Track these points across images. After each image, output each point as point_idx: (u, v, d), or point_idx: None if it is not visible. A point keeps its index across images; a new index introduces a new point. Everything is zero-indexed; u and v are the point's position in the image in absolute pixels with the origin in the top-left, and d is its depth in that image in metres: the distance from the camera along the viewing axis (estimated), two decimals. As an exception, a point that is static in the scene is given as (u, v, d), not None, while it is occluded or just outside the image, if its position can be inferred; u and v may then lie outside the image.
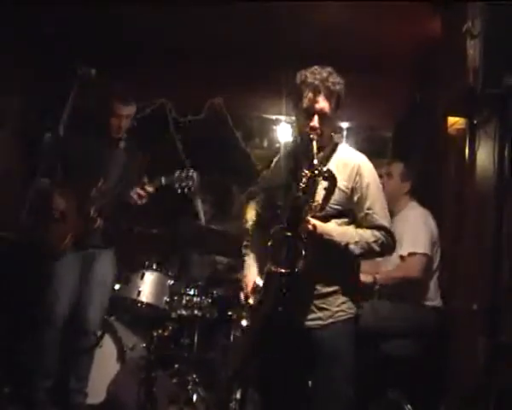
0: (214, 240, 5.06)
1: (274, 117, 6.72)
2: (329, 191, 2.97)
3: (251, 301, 3.28)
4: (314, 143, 3.05)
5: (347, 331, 3.19)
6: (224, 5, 5.14)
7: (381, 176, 3.45)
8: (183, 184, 4.52)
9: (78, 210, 4.52)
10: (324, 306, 3.16)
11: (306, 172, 2.97)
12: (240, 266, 4.87)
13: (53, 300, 4.48)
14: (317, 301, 3.17)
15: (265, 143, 6.87)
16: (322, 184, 3.00)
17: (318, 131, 3.11)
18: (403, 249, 4.41)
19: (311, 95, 3.12)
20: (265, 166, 5.89)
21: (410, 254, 4.42)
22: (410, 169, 4.80)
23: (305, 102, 3.14)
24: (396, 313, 4.35)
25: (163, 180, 4.54)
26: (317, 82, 3.11)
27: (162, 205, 5.00)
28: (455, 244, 4.53)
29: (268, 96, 6.48)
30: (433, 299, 4.49)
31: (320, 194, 3.01)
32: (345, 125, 6.20)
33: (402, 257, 4.45)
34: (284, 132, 6.69)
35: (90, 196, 4.52)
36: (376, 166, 3.35)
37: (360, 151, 3.41)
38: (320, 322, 3.16)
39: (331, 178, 2.95)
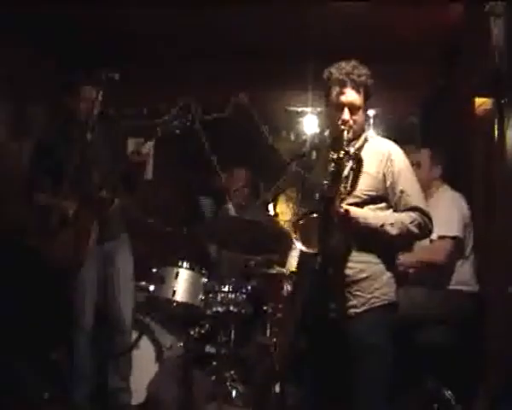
0: (245, 233, 5.05)
1: (299, 109, 6.70)
2: (357, 172, 3.05)
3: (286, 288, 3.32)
4: (345, 133, 3.12)
5: (382, 319, 3.18)
6: (248, 1, 5.15)
7: (412, 164, 3.44)
8: (183, 120, 4.50)
9: (88, 202, 4.42)
10: (358, 293, 3.16)
11: (333, 156, 3.04)
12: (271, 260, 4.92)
13: (80, 306, 4.49)
14: (350, 288, 3.17)
15: (292, 136, 6.86)
16: (349, 167, 3.07)
17: (350, 122, 3.17)
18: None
19: (338, 89, 3.18)
20: (293, 159, 5.91)
21: (440, 238, 4.37)
22: (439, 153, 4.76)
23: (334, 97, 3.20)
24: (432, 299, 4.32)
25: (158, 130, 4.47)
26: (342, 76, 3.17)
27: (190, 204, 5.04)
28: (487, 228, 4.48)
29: (293, 88, 6.48)
30: (469, 283, 4.46)
31: (349, 178, 3.09)
32: (371, 112, 6.19)
33: (431, 240, 4.42)
34: (310, 124, 6.67)
35: (94, 184, 4.44)
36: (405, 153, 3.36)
37: (387, 138, 3.43)
38: (355, 310, 3.16)
39: (357, 158, 3.04)
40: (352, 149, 3.07)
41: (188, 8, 5.27)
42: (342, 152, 3.03)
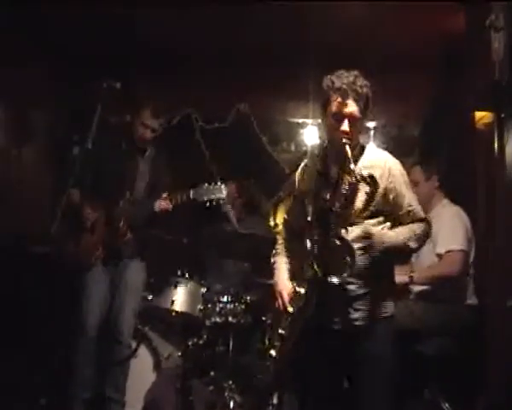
0: (243, 245, 5.06)
1: (300, 120, 6.71)
2: (371, 196, 2.99)
3: (290, 309, 3.29)
4: (347, 147, 3.05)
5: (384, 332, 3.19)
6: (247, 9, 5.16)
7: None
8: (212, 196, 4.47)
9: (107, 222, 4.54)
10: (360, 307, 3.16)
11: (348, 177, 2.99)
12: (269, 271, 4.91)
13: (85, 311, 4.51)
14: (353, 303, 3.16)
15: (292, 147, 6.85)
16: (363, 189, 3.01)
17: (349, 134, 3.12)
18: (439, 247, 4.39)
19: (340, 99, 3.12)
20: (293, 170, 5.91)
21: (448, 252, 4.40)
22: (431, 166, 4.77)
23: (335, 107, 3.14)
24: (431, 312, 4.32)
25: (191, 194, 4.49)
26: (344, 86, 3.10)
27: (191, 213, 5.03)
28: (487, 240, 4.49)
29: (293, 99, 6.50)
30: (469, 296, 4.46)
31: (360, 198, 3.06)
32: (371, 124, 6.19)
33: (439, 255, 4.42)
34: (311, 136, 6.68)
35: (118, 208, 4.54)
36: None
37: (387, 150, 3.41)
38: (356, 323, 3.16)
39: (373, 183, 2.96)
40: (365, 172, 2.96)
41: (189, 16, 5.29)
42: (358, 176, 2.94)
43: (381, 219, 3.20)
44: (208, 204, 4.51)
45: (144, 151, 4.70)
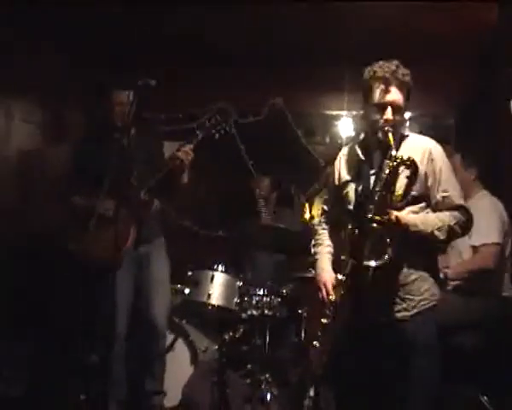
0: (278, 238, 5.05)
1: (334, 113, 6.69)
2: (411, 180, 2.98)
3: (332, 297, 3.29)
4: (390, 134, 3.04)
5: (432, 320, 3.19)
6: (281, 5, 5.15)
7: None
8: (219, 127, 4.47)
9: (128, 204, 4.38)
10: (408, 296, 3.16)
11: (388, 162, 2.97)
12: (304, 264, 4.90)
13: (114, 310, 4.45)
14: (400, 292, 3.16)
15: (327, 140, 6.84)
16: (404, 174, 3.00)
17: (392, 122, 3.12)
18: (474, 240, 4.34)
19: (382, 87, 3.12)
20: (328, 162, 5.89)
21: (483, 245, 4.36)
22: (472, 156, 4.72)
23: (377, 96, 3.14)
24: (467, 305, 4.28)
25: (198, 134, 4.46)
26: (387, 74, 3.11)
27: (225, 207, 5.05)
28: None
29: (327, 92, 6.47)
30: (506, 289, 4.41)
31: (399, 183, 3.03)
32: (407, 114, 6.12)
33: (475, 248, 4.38)
34: (345, 127, 6.66)
35: (132, 186, 4.43)
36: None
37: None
38: (405, 313, 3.15)
39: (413, 165, 2.95)
40: (405, 156, 2.96)
41: (225, 11, 5.29)
42: (398, 159, 2.95)
43: (422, 204, 3.19)
44: (218, 135, 4.48)
45: (129, 129, 4.53)
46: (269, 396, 4.60)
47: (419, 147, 3.22)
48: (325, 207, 3.64)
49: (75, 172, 4.52)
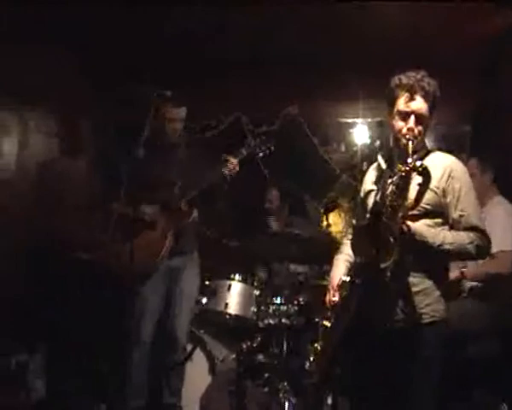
0: (294, 246, 5.06)
1: (350, 120, 6.69)
2: (423, 188, 2.93)
3: (335, 298, 3.32)
4: (410, 143, 3.02)
5: (431, 336, 3.13)
6: (294, 11, 5.16)
7: None
8: (263, 147, 4.62)
9: (167, 213, 4.51)
10: (408, 308, 3.12)
11: (400, 167, 2.95)
12: (322, 272, 4.90)
13: (141, 318, 4.52)
14: (402, 302, 3.13)
15: (343, 148, 6.84)
16: (416, 181, 2.96)
17: (415, 131, 3.10)
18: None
19: (407, 95, 3.12)
20: (343, 170, 5.90)
21: (501, 252, 4.33)
22: (487, 160, 4.71)
23: (402, 103, 3.13)
24: (482, 312, 4.26)
25: (243, 151, 4.57)
26: (412, 82, 3.11)
27: (243, 217, 5.06)
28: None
29: (342, 99, 6.47)
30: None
31: (413, 191, 2.98)
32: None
33: (491, 255, 4.36)
34: (361, 135, 6.66)
35: (174, 194, 4.52)
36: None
37: (439, 148, 3.35)
38: (402, 324, 3.12)
39: (425, 173, 2.90)
40: (418, 163, 2.90)
41: (239, 19, 5.32)
42: (411, 165, 2.90)
43: (439, 220, 3.16)
44: (262, 155, 4.69)
45: (178, 144, 4.69)
46: (287, 405, 4.59)
47: (441, 163, 3.19)
48: (353, 220, 3.64)
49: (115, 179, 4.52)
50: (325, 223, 5.99)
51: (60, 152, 5.87)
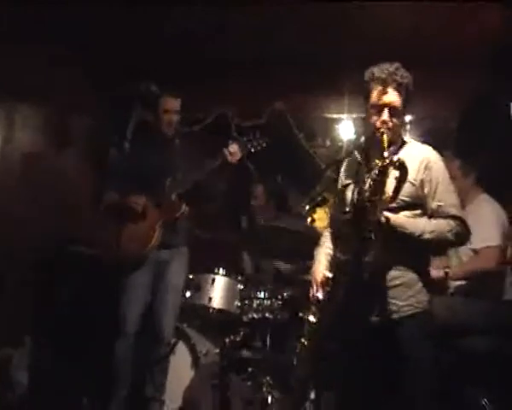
0: (279, 241, 5.05)
1: (335, 116, 6.68)
2: (400, 182, 2.94)
3: (320, 295, 3.32)
4: (385, 136, 3.04)
5: (415, 326, 3.15)
6: (281, 8, 5.14)
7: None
8: (255, 143, 4.68)
9: (158, 203, 4.54)
10: (391, 300, 3.14)
11: (377, 161, 2.96)
12: (306, 267, 4.90)
13: (126, 309, 4.54)
14: (383, 295, 3.14)
15: (328, 143, 6.84)
16: (393, 175, 2.97)
17: (389, 124, 3.12)
18: (475, 244, 4.34)
19: (380, 88, 3.14)
20: (328, 165, 5.88)
21: (485, 248, 4.38)
22: (472, 161, 4.73)
23: (375, 97, 3.16)
24: (470, 308, 4.28)
25: (235, 145, 4.62)
26: (384, 76, 3.13)
27: (226, 211, 5.04)
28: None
29: (328, 95, 6.46)
30: (506, 292, 4.41)
31: (390, 185, 2.98)
32: (407, 118, 6.12)
33: (475, 251, 4.39)
34: (346, 130, 6.65)
35: (166, 187, 4.55)
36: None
37: (425, 143, 3.38)
38: (386, 318, 3.14)
39: (402, 167, 2.92)
40: (395, 158, 2.94)
41: (227, 16, 5.30)
42: (387, 160, 2.92)
43: (417, 211, 3.18)
44: (254, 150, 4.73)
45: (173, 137, 4.73)
46: (270, 399, 4.59)
47: (417, 154, 3.22)
48: (332, 212, 3.64)
49: (114, 171, 4.52)
50: (310, 219, 5.97)
51: (49, 145, 5.82)
